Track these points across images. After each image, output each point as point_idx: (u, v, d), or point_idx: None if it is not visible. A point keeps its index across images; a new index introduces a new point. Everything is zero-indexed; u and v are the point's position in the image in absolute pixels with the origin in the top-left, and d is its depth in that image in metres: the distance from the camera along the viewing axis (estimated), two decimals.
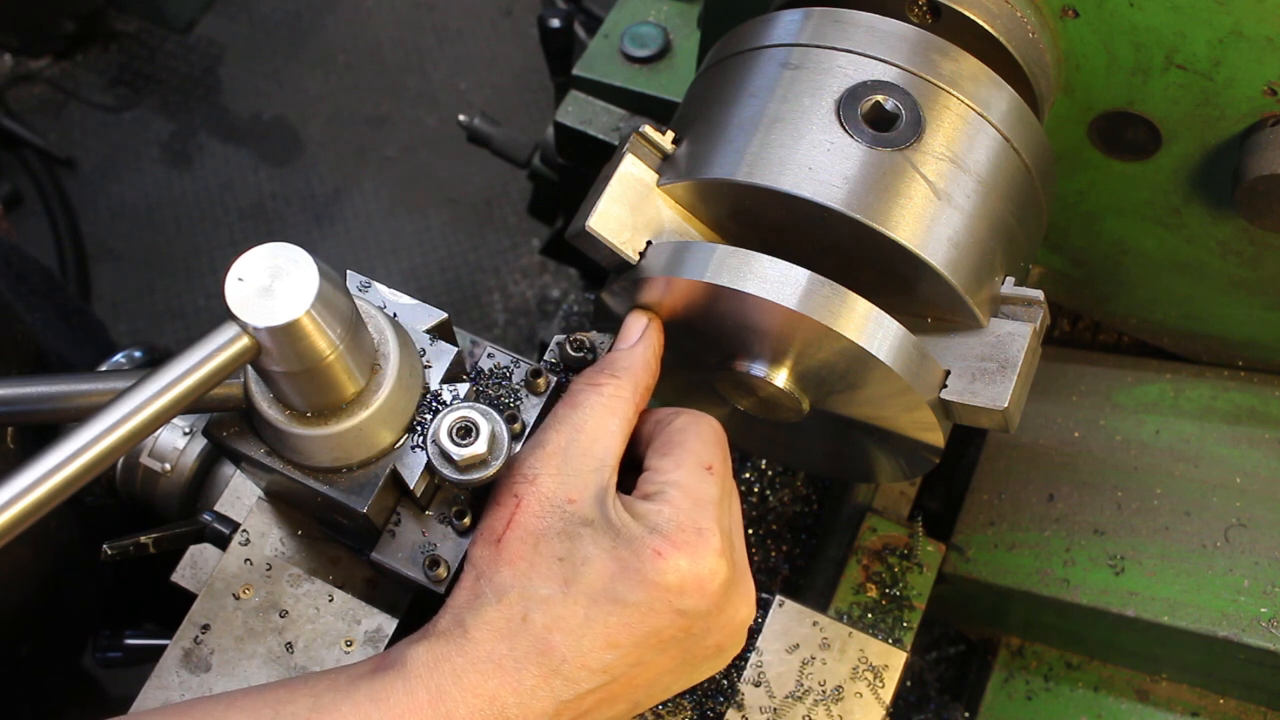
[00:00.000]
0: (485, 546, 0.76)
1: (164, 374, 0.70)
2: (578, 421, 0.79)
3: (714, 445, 0.81)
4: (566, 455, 0.77)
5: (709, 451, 0.80)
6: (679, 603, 0.74)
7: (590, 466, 0.77)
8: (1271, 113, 0.91)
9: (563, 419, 0.80)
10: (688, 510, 0.76)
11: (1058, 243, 1.18)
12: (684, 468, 0.79)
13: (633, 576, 0.73)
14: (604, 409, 0.80)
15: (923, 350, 0.82)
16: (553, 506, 0.76)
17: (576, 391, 0.82)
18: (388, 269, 2.95)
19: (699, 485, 0.78)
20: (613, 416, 0.80)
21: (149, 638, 1.19)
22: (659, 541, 0.74)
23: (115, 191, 3.05)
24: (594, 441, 0.79)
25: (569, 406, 0.81)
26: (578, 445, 0.78)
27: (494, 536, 0.76)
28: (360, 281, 0.89)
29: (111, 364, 1.31)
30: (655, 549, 0.73)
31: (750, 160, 0.83)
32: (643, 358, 0.84)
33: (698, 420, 0.83)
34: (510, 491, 0.77)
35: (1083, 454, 1.22)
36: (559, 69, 1.74)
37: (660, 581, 0.73)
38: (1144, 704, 1.21)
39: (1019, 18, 0.92)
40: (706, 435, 0.82)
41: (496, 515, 0.77)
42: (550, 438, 0.79)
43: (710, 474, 0.79)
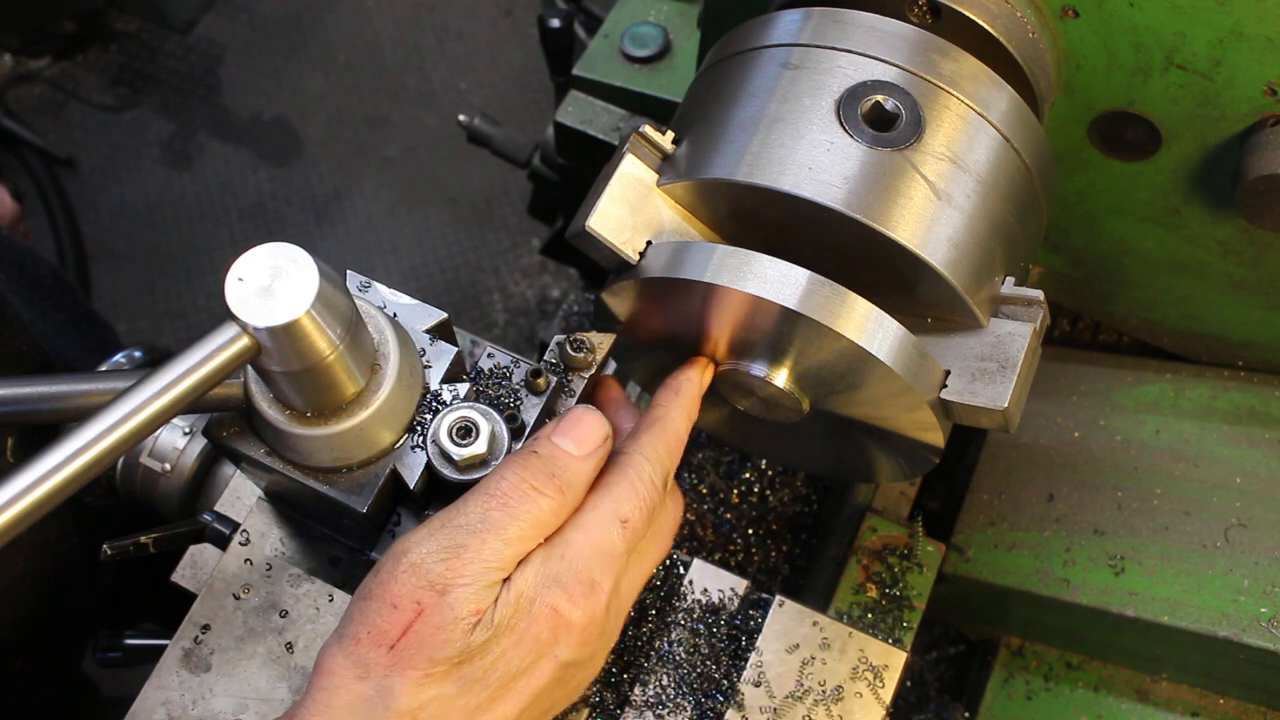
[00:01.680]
0: (375, 649, 0.71)
1: (164, 374, 0.70)
2: (505, 529, 0.74)
3: (638, 498, 0.79)
4: (485, 565, 0.72)
5: (632, 504, 0.78)
6: (562, 654, 0.75)
7: (503, 571, 0.74)
8: (1271, 113, 0.91)
9: (491, 521, 0.74)
10: (587, 560, 0.75)
11: (1058, 243, 1.18)
12: (598, 513, 0.77)
13: (526, 644, 0.73)
14: (536, 524, 0.75)
15: (923, 350, 0.82)
16: (460, 621, 0.71)
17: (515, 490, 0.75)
18: (388, 269, 2.95)
19: (606, 537, 0.77)
20: (542, 531, 0.76)
21: (149, 638, 1.19)
22: (557, 597, 0.74)
23: (115, 191, 3.05)
24: (515, 550, 0.74)
25: (502, 507, 0.74)
26: (498, 557, 0.73)
27: (385, 641, 0.71)
28: (360, 281, 0.89)
29: (111, 364, 1.31)
30: (553, 606, 0.74)
31: (750, 160, 0.83)
32: (591, 474, 0.79)
33: (633, 467, 0.80)
34: (409, 596, 0.71)
35: (1083, 454, 1.22)
36: (559, 69, 1.74)
37: (549, 638, 0.74)
38: (1144, 704, 1.21)
39: (1019, 18, 0.92)
40: (637, 485, 0.79)
41: (388, 618, 0.71)
42: (467, 540, 0.73)
43: (623, 527, 0.77)
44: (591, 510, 0.78)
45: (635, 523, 0.78)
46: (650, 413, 0.86)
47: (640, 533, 0.80)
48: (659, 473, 0.81)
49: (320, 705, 0.71)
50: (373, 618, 0.71)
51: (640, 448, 0.82)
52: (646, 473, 0.80)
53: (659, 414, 0.86)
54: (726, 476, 1.35)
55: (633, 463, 0.80)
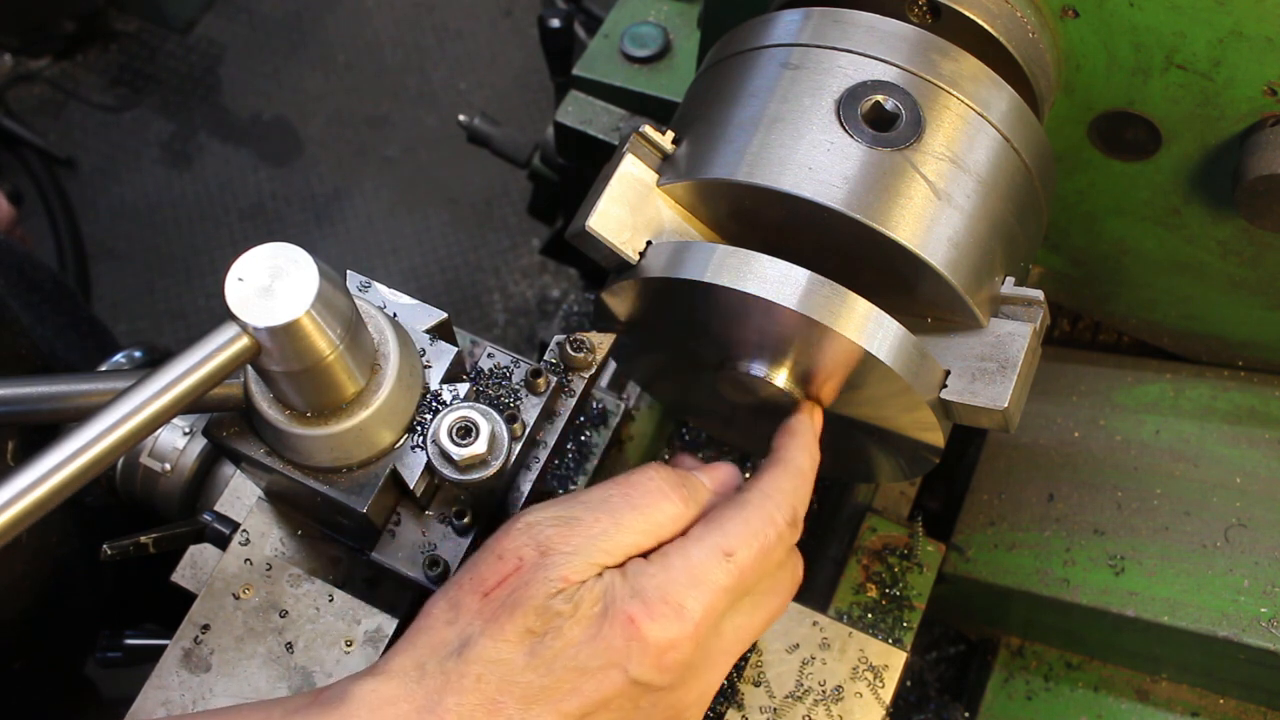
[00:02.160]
0: (471, 594, 0.74)
1: (164, 374, 0.70)
2: (621, 515, 0.76)
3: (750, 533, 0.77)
4: (591, 540, 0.74)
5: (739, 539, 0.76)
6: (632, 669, 0.72)
7: (606, 555, 0.75)
8: (1271, 113, 0.91)
9: (611, 504, 0.76)
10: (679, 584, 0.74)
11: (1058, 243, 1.18)
12: (703, 543, 0.76)
13: (599, 644, 0.72)
14: (652, 521, 0.76)
15: (923, 350, 0.82)
16: (549, 582, 0.73)
17: (643, 484, 0.77)
18: (388, 269, 2.95)
19: (706, 566, 0.75)
20: (656, 531, 0.76)
21: (149, 638, 1.19)
22: (637, 608, 0.72)
23: (115, 191, 3.05)
24: (624, 539, 0.76)
25: (624, 495, 0.76)
26: (606, 538, 0.75)
27: (482, 588, 0.73)
28: (360, 281, 0.89)
29: (111, 364, 1.31)
30: (630, 615, 0.72)
31: (750, 160, 0.83)
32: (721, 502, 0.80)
33: (750, 503, 0.78)
34: (515, 551, 0.74)
35: (1083, 454, 1.22)
36: (559, 69, 1.74)
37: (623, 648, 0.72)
38: (1144, 704, 1.21)
39: (1019, 18, 0.92)
40: (751, 520, 0.77)
41: (491, 567, 0.74)
42: (583, 515, 0.75)
43: (726, 561, 0.75)
44: (695, 539, 0.76)
45: (743, 559, 0.76)
46: (769, 455, 0.85)
47: (750, 571, 0.76)
48: (782, 510, 0.79)
49: (409, 644, 0.74)
50: (479, 565, 0.75)
51: (759, 484, 0.80)
52: (765, 509, 0.78)
53: (780, 455, 0.84)
54: None
55: (749, 499, 0.79)
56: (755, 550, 0.76)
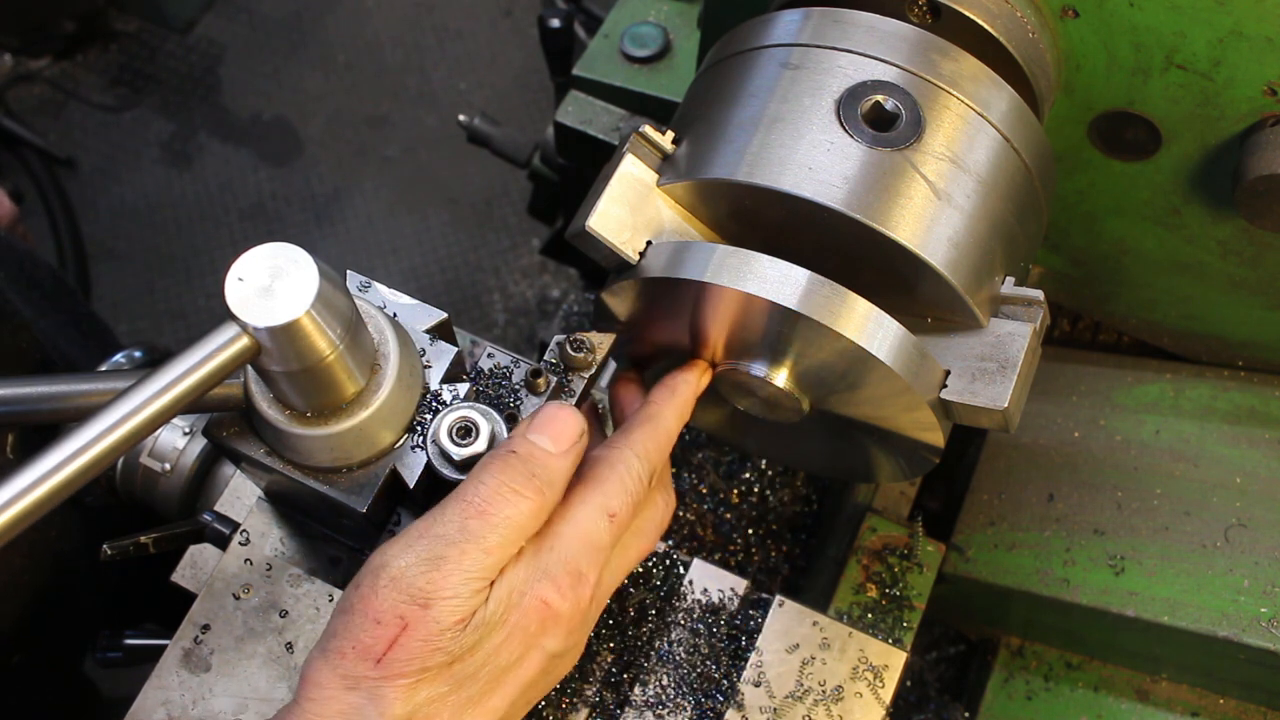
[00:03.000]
0: (361, 662, 0.70)
1: (164, 374, 0.70)
2: (485, 538, 0.72)
3: (626, 493, 0.80)
4: (466, 575, 0.71)
5: (620, 498, 0.79)
6: (549, 645, 0.76)
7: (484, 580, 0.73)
8: (1271, 113, 0.91)
9: (470, 530, 0.72)
10: (575, 552, 0.76)
11: (1058, 243, 1.18)
12: (587, 506, 0.78)
13: (515, 636, 0.74)
14: (516, 529, 0.74)
15: (923, 350, 0.82)
16: (444, 631, 0.70)
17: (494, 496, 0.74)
18: (388, 269, 2.95)
19: (594, 529, 0.78)
20: (522, 535, 0.75)
21: (149, 638, 1.19)
22: (547, 589, 0.75)
23: (115, 191, 3.05)
24: (496, 559, 0.73)
25: (480, 516, 0.73)
26: (479, 565, 0.72)
27: (372, 655, 0.70)
28: (360, 281, 0.89)
29: (111, 364, 1.31)
30: (543, 598, 0.74)
31: (750, 160, 0.83)
32: (569, 470, 0.78)
33: (623, 462, 0.81)
34: (392, 610, 0.70)
35: (1083, 454, 1.22)
36: (559, 69, 1.74)
37: (538, 629, 0.75)
38: (1144, 704, 1.21)
39: (1019, 18, 0.92)
40: (625, 480, 0.80)
41: (372, 633, 0.70)
42: (447, 552, 0.71)
43: (610, 521, 0.78)
44: (580, 504, 0.79)
45: (621, 516, 0.80)
46: (643, 409, 0.87)
47: (625, 526, 0.81)
48: (646, 469, 0.82)
49: (311, 715, 0.70)
50: (356, 632, 0.71)
51: (630, 443, 0.83)
52: (635, 468, 0.81)
53: (651, 411, 0.87)
54: (726, 476, 1.35)
55: (622, 458, 0.82)
56: (629, 506, 0.80)
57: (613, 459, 0.81)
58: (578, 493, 0.79)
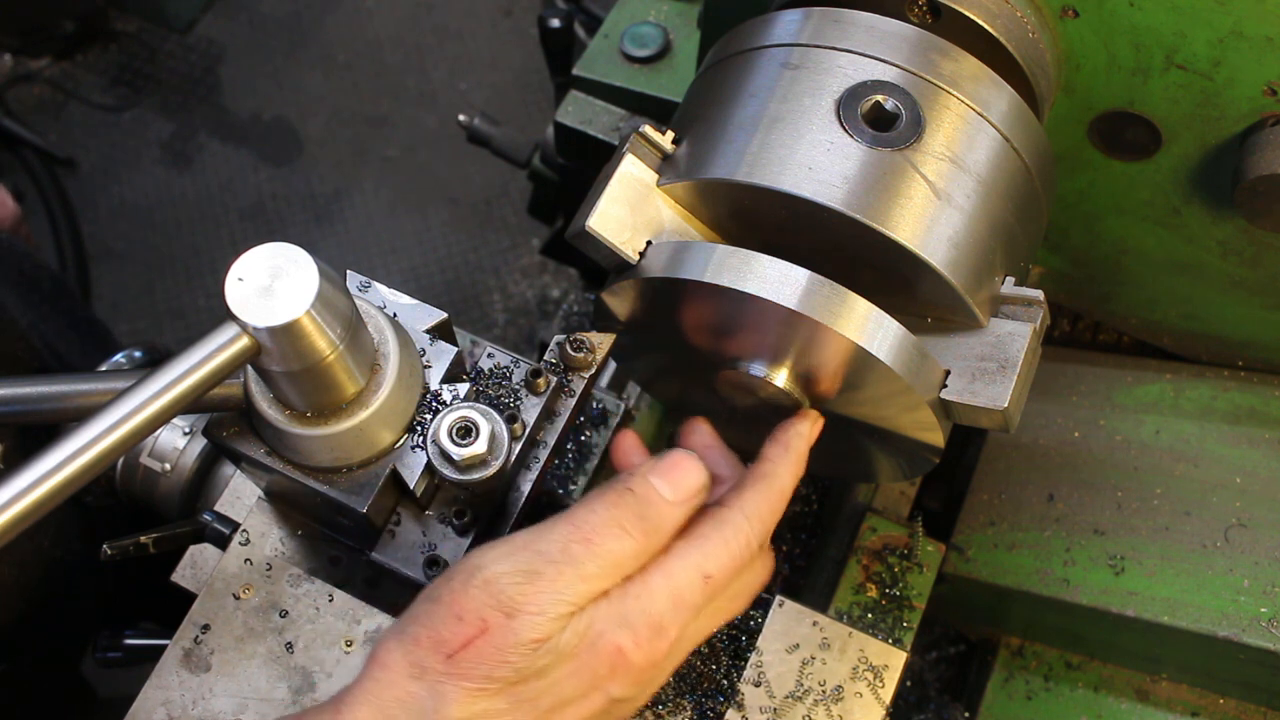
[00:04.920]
0: (433, 654, 0.70)
1: (164, 374, 0.70)
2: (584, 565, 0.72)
3: (729, 555, 0.77)
4: (556, 596, 0.71)
5: (721, 561, 0.77)
6: (615, 690, 0.74)
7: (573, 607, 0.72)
8: (1271, 113, 0.91)
9: (571, 554, 0.72)
10: (661, 607, 0.74)
11: (1058, 243, 1.18)
12: (684, 562, 0.76)
13: (583, 674, 0.73)
14: (615, 565, 0.73)
15: (923, 350, 0.82)
16: (521, 645, 0.70)
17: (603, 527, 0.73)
18: (388, 269, 2.95)
19: (687, 587, 0.75)
20: (620, 572, 0.74)
21: (149, 638, 1.19)
22: (624, 637, 0.73)
23: (115, 191, 3.05)
24: (589, 588, 0.72)
25: (585, 543, 0.73)
26: (571, 590, 0.71)
27: (445, 649, 0.70)
28: (360, 281, 0.89)
29: (111, 364, 1.31)
30: (619, 646, 0.73)
31: (750, 160, 0.83)
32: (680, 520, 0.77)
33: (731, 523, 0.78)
34: (476, 612, 0.70)
35: (1083, 454, 1.22)
36: (559, 69, 1.74)
37: (607, 674, 0.73)
38: (1144, 704, 1.21)
39: (1019, 18, 0.92)
40: (731, 543, 0.77)
41: (452, 629, 0.70)
42: (543, 569, 0.71)
43: (705, 582, 0.76)
44: (678, 558, 0.76)
45: (719, 580, 0.77)
46: (756, 467, 0.84)
47: (721, 589, 0.78)
48: (756, 533, 0.79)
49: (371, 695, 0.71)
50: (437, 624, 0.71)
51: (743, 504, 0.80)
52: (745, 531, 0.78)
53: (767, 470, 0.83)
54: None
55: (731, 519, 0.78)
56: (730, 571, 0.77)
57: (721, 518, 0.78)
58: (679, 547, 0.77)
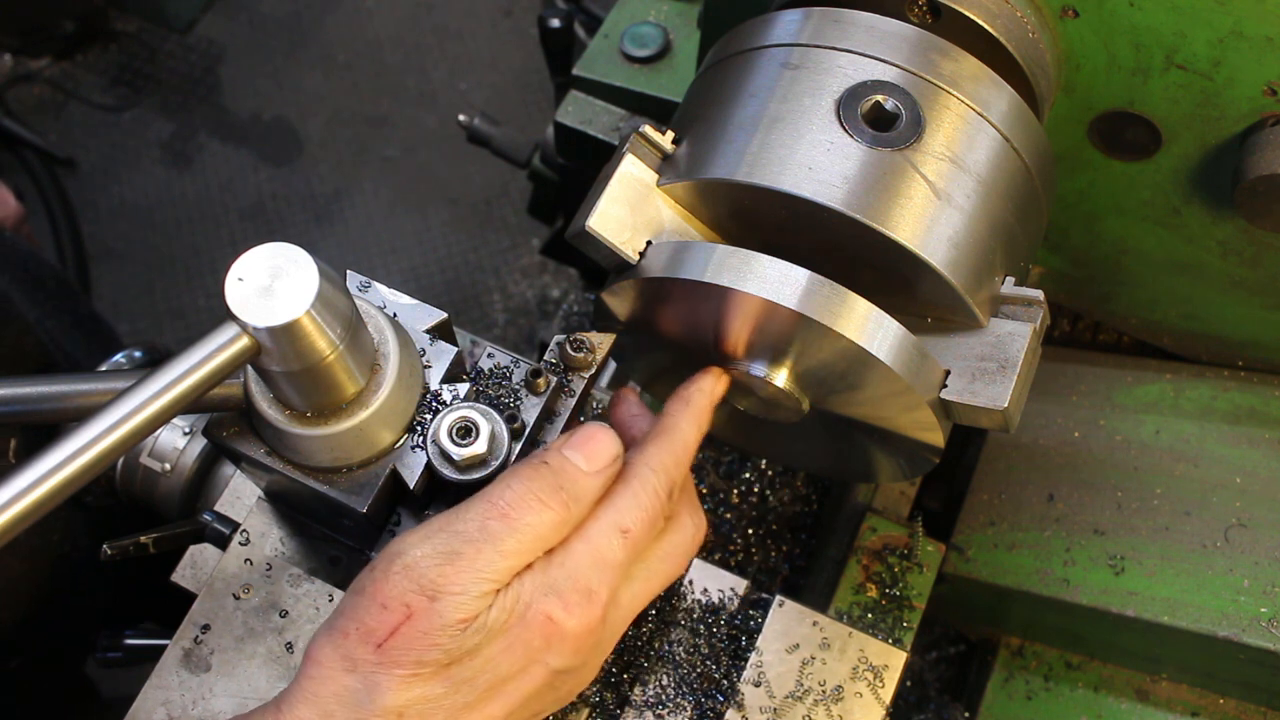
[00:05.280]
0: (362, 645, 0.70)
1: (164, 374, 0.70)
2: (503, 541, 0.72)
3: (640, 508, 0.78)
4: (477, 575, 0.71)
5: (634, 514, 0.78)
6: (554, 661, 0.75)
7: (495, 583, 0.72)
8: (1271, 113, 0.91)
9: (490, 531, 0.72)
10: (585, 569, 0.75)
11: (1058, 243, 1.18)
12: (600, 522, 0.77)
13: (518, 648, 0.73)
14: (536, 538, 0.74)
15: (923, 350, 0.82)
16: (446, 626, 0.70)
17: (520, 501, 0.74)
18: (388, 269, 2.95)
19: (607, 546, 0.76)
20: (541, 545, 0.75)
21: (149, 638, 1.19)
22: (553, 604, 0.73)
23: (115, 191, 3.05)
24: (510, 564, 0.73)
25: (502, 519, 0.73)
26: (491, 568, 0.72)
27: (373, 639, 0.70)
28: (360, 281, 0.89)
29: (111, 364, 1.31)
30: (548, 614, 0.73)
31: (750, 160, 0.83)
32: (599, 490, 0.78)
33: (638, 477, 0.79)
34: (399, 598, 0.70)
35: (1083, 454, 1.22)
36: (559, 69, 1.74)
37: (542, 645, 0.74)
38: (1144, 704, 1.21)
39: (1019, 18, 0.92)
40: (640, 495, 0.79)
41: (377, 617, 0.70)
42: (463, 548, 0.72)
43: (623, 537, 0.77)
44: (593, 520, 0.77)
45: (636, 533, 0.78)
46: (659, 422, 0.85)
47: (641, 543, 0.79)
48: (664, 483, 0.80)
49: (308, 693, 0.71)
50: (361, 614, 0.71)
51: (646, 458, 0.81)
52: (651, 483, 0.79)
53: (668, 424, 0.84)
54: (726, 476, 1.35)
55: (637, 473, 0.80)
56: (645, 524, 0.78)
57: (626, 474, 0.80)
58: (594, 511, 0.78)
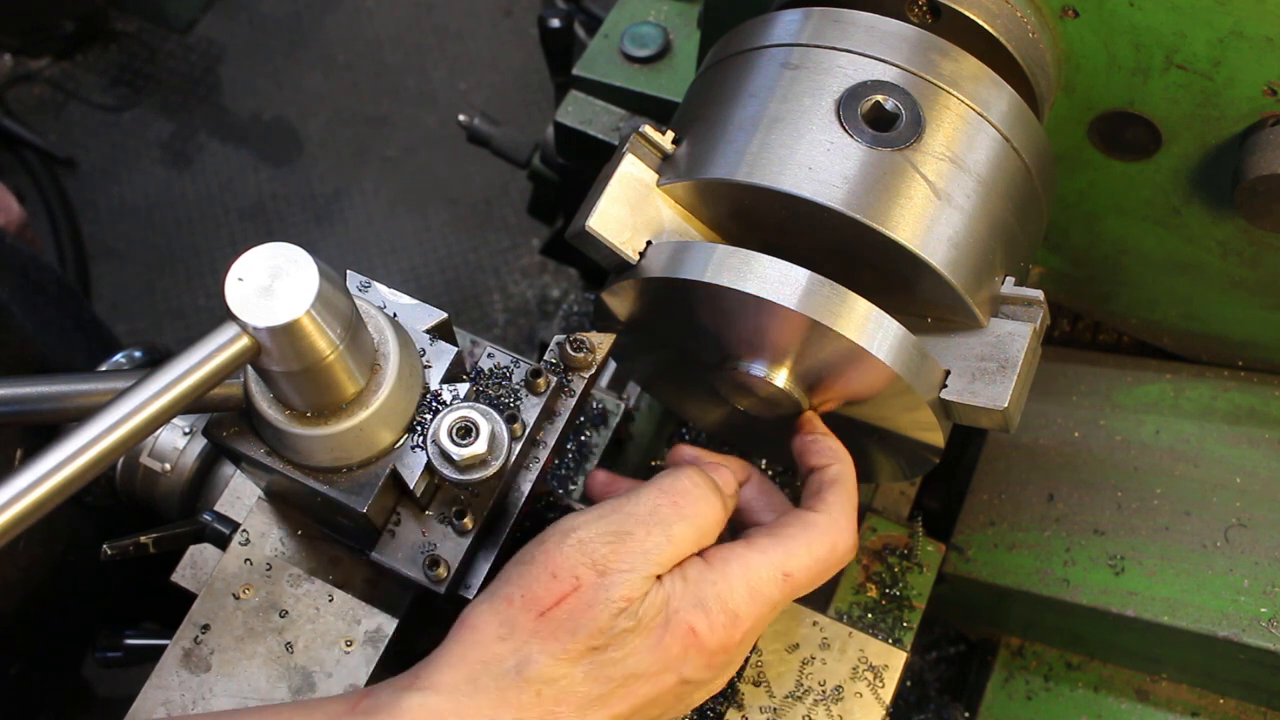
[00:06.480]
0: (525, 612, 0.73)
1: (164, 374, 0.70)
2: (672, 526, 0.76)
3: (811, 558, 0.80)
4: (646, 556, 0.75)
5: (800, 562, 0.80)
6: (686, 671, 0.76)
7: (661, 568, 0.76)
8: (1271, 113, 0.91)
9: (661, 515, 0.77)
10: (738, 594, 0.77)
11: (1058, 243, 1.18)
12: (766, 557, 0.79)
13: (658, 651, 0.75)
14: (700, 528, 0.78)
15: (923, 350, 0.82)
16: (611, 603, 0.73)
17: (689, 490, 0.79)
18: (388, 269, 2.95)
19: (765, 581, 0.78)
20: (703, 536, 0.79)
21: (149, 638, 1.19)
22: (698, 618, 0.75)
23: (115, 191, 3.05)
24: (677, 550, 0.77)
25: (673, 505, 0.77)
26: (660, 552, 0.75)
27: (538, 606, 0.73)
28: (360, 281, 0.88)
29: (111, 364, 1.31)
30: (692, 625, 0.75)
31: (750, 160, 0.83)
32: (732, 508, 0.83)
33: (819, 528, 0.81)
34: (570, 570, 0.74)
35: (1083, 454, 1.22)
36: (559, 69, 1.74)
37: (680, 654, 0.75)
38: (1144, 704, 1.21)
39: (1019, 18, 0.92)
40: (814, 548, 0.80)
41: (546, 586, 0.73)
42: (634, 529, 0.76)
43: (784, 580, 0.79)
44: (759, 553, 0.79)
45: (797, 580, 0.80)
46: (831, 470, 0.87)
47: (800, 590, 0.81)
48: (845, 541, 0.82)
49: (455, 657, 0.72)
50: (530, 582, 0.74)
51: (831, 509, 0.83)
52: (832, 537, 0.82)
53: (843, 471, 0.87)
54: None
55: (819, 523, 0.82)
56: (810, 575, 0.80)
57: (808, 520, 0.82)
58: (762, 542, 0.80)
